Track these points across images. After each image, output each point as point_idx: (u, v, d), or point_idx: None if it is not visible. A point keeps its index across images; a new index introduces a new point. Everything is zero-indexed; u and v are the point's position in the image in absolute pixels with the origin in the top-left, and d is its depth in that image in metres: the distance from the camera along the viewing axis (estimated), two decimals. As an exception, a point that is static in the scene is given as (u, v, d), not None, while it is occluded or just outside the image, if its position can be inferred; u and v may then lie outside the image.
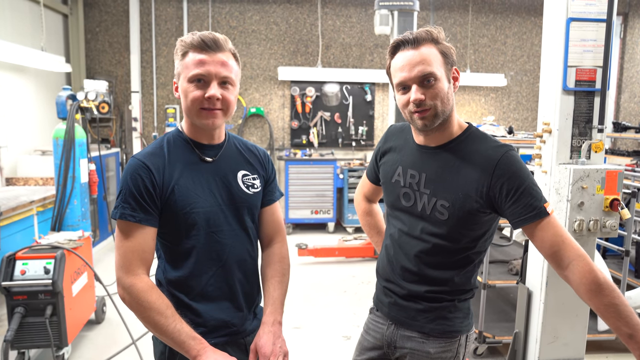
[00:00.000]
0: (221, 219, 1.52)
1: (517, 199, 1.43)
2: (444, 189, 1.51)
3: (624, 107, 8.09)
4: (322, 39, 7.44)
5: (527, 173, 1.47)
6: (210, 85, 1.44)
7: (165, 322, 1.36)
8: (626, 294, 3.49)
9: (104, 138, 6.88)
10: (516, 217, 1.44)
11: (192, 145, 1.54)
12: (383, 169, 1.72)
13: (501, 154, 1.46)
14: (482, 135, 1.55)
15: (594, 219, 2.47)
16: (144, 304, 1.37)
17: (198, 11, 7.24)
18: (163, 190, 1.45)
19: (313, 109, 7.44)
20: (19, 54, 4.78)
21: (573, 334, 2.71)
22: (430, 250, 1.55)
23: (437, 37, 1.48)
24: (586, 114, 2.56)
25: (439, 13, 7.68)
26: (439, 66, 1.46)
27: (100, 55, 7.18)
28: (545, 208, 1.42)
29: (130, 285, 1.38)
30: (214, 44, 1.44)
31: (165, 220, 1.47)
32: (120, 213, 1.41)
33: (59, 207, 3.90)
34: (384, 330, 1.69)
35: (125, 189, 1.42)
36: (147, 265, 1.43)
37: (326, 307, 4.42)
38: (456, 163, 1.51)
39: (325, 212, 7.09)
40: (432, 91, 1.45)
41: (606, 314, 1.34)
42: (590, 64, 2.53)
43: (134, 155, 1.50)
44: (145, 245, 1.42)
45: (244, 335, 1.59)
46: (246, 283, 1.62)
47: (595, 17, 2.49)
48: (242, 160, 1.63)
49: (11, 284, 3.00)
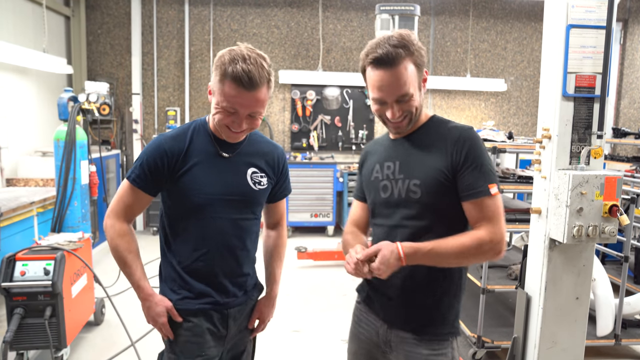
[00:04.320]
0: (223, 207, 1.68)
1: (471, 170, 1.50)
2: (415, 168, 1.58)
3: (624, 112, 8.11)
4: (323, 42, 7.46)
5: (485, 150, 1.56)
6: (239, 117, 1.57)
7: (124, 261, 1.68)
8: (625, 299, 3.50)
9: (105, 140, 6.89)
10: (463, 191, 1.52)
11: (212, 139, 1.69)
12: (364, 175, 1.79)
13: (466, 129, 1.57)
14: (445, 119, 1.67)
15: (593, 224, 2.47)
16: (115, 240, 1.67)
17: (200, 14, 7.27)
18: (174, 172, 1.64)
19: (313, 112, 7.46)
20: (21, 55, 4.79)
21: (571, 340, 2.71)
22: (410, 236, 1.54)
23: (411, 47, 1.51)
24: (585, 120, 2.57)
25: (439, 18, 7.70)
26: (414, 81, 1.53)
27: (102, 57, 7.20)
28: (488, 188, 1.49)
29: (111, 225, 1.68)
30: (249, 83, 1.50)
31: (172, 196, 1.68)
32: (132, 176, 1.66)
33: (59, 208, 3.90)
34: (378, 328, 1.69)
35: (143, 160, 1.65)
36: (130, 218, 1.72)
37: (325, 310, 4.42)
38: (425, 143, 1.60)
39: (324, 215, 7.10)
40: (407, 105, 1.54)
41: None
42: (589, 70, 2.54)
43: (162, 134, 1.71)
44: (138, 204, 1.70)
45: (227, 307, 1.74)
46: (237, 268, 1.76)
47: (594, 23, 2.50)
48: (256, 158, 1.76)
49: (11, 285, 3.00)
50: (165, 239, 1.76)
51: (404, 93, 1.51)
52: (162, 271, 1.79)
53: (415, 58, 1.52)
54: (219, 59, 1.54)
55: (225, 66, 1.51)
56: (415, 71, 1.53)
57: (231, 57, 1.52)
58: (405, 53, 1.49)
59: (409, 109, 1.55)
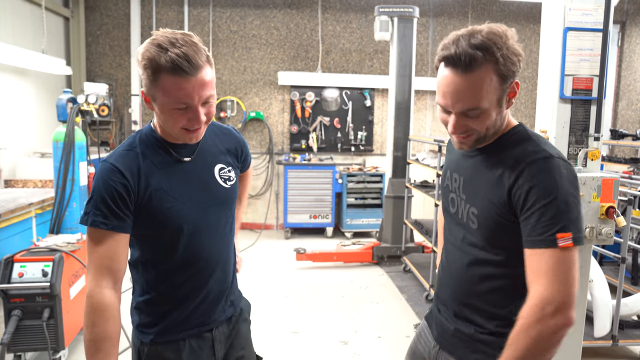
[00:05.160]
0: (201, 219, 1.49)
1: (531, 214, 1.20)
2: (474, 194, 1.36)
3: (622, 114, 8.13)
4: (322, 44, 7.47)
5: (563, 188, 1.19)
6: (194, 110, 1.34)
7: (98, 347, 1.31)
8: (622, 300, 3.51)
9: (104, 141, 6.89)
10: (524, 236, 1.22)
11: (166, 146, 1.47)
12: (443, 170, 1.61)
13: (540, 157, 1.24)
14: (528, 136, 1.33)
15: (590, 226, 2.48)
16: (92, 315, 1.33)
17: (199, 15, 7.28)
18: (139, 195, 1.39)
19: (312, 113, 7.46)
20: (20, 56, 4.80)
21: (569, 340, 2.71)
22: (471, 263, 1.38)
23: (497, 52, 1.21)
24: (583, 122, 2.58)
25: (438, 20, 7.72)
26: (491, 94, 1.24)
27: (101, 58, 7.20)
28: (556, 238, 1.17)
29: (89, 295, 1.34)
30: (190, 67, 1.28)
31: (142, 224, 1.42)
32: (91, 220, 1.35)
33: (57, 209, 3.91)
34: (430, 349, 1.56)
35: (97, 195, 1.36)
36: (115, 275, 1.37)
37: (324, 312, 4.43)
38: (488, 165, 1.33)
39: (323, 216, 7.10)
40: (475, 122, 1.28)
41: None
42: (586, 72, 2.55)
43: (105, 158, 1.43)
44: (116, 252, 1.36)
45: (213, 326, 1.59)
46: (223, 278, 1.61)
47: (591, 26, 2.51)
48: (217, 151, 1.59)
49: (9, 287, 3.00)
50: (139, 271, 1.53)
51: (472, 106, 1.24)
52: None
53: (500, 66, 1.21)
54: (143, 55, 1.29)
55: (154, 60, 1.26)
56: (497, 82, 1.23)
57: (156, 47, 1.27)
58: (486, 58, 1.20)
59: (476, 127, 1.28)
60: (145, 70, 1.30)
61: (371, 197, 7.15)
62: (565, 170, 1.22)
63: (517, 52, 1.24)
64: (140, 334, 1.54)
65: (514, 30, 1.28)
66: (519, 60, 1.26)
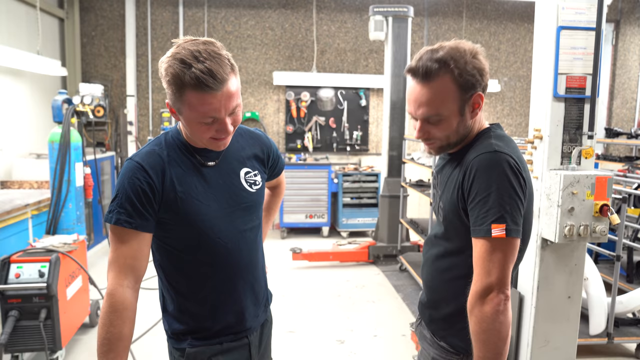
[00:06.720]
0: (227, 223, 1.47)
1: (475, 205, 1.32)
2: (443, 190, 1.51)
3: (616, 113, 8.17)
4: (317, 44, 7.48)
5: (502, 181, 1.30)
6: (221, 122, 1.33)
7: (110, 347, 1.30)
8: (617, 298, 3.53)
9: (99, 142, 6.88)
10: (470, 227, 1.34)
11: (191, 150, 1.45)
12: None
13: (484, 152, 1.35)
14: (489, 135, 1.44)
15: (584, 224, 2.50)
16: (110, 315, 1.31)
17: (194, 16, 7.27)
18: (163, 195, 1.38)
19: (308, 113, 7.47)
20: (15, 57, 4.78)
21: (564, 338, 2.74)
22: (438, 254, 1.54)
23: (454, 64, 1.33)
24: (576, 121, 2.60)
25: (433, 19, 7.74)
26: (450, 103, 1.36)
27: (96, 59, 7.19)
28: (490, 228, 1.27)
29: (110, 293, 1.32)
30: (216, 82, 1.25)
31: (166, 228, 1.41)
32: (115, 218, 1.33)
33: (54, 210, 3.90)
34: (417, 326, 1.74)
35: (122, 193, 1.34)
36: (137, 274, 1.36)
37: (320, 311, 4.44)
38: (453, 165, 1.48)
39: (319, 216, 7.11)
40: (438, 127, 1.40)
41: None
42: (580, 71, 2.57)
43: (131, 156, 1.40)
44: (139, 252, 1.35)
45: (248, 333, 1.57)
46: (254, 282, 1.58)
47: (585, 25, 2.53)
48: (244, 155, 1.56)
49: (5, 288, 3.00)
50: (166, 278, 1.51)
51: (432, 113, 1.37)
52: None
53: (458, 78, 1.33)
54: (167, 71, 1.27)
55: (178, 76, 1.24)
56: (456, 92, 1.34)
57: (180, 62, 1.25)
58: (442, 70, 1.32)
59: (438, 133, 1.41)
60: (170, 85, 1.28)
61: (367, 197, 7.17)
62: (506, 164, 1.31)
63: (478, 67, 1.35)
64: (175, 342, 1.52)
65: (480, 47, 1.39)
66: (482, 74, 1.37)
